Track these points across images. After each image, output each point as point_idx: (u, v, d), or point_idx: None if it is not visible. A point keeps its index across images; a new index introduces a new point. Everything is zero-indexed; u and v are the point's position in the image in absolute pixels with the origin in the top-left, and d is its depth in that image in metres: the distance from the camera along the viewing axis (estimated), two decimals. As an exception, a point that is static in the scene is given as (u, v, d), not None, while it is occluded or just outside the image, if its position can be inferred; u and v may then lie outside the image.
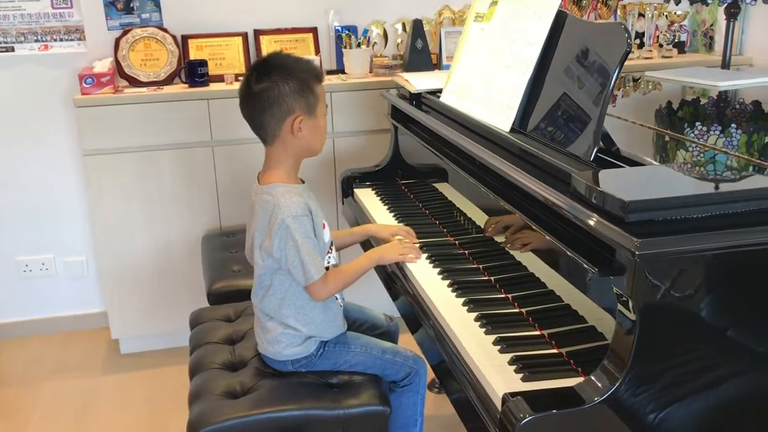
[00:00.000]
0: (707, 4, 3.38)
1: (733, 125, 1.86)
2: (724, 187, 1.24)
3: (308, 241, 1.66)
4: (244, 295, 2.36)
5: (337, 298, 1.82)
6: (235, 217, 2.97)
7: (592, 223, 1.16)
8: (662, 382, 1.13)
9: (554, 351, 1.38)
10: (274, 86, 1.64)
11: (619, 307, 1.14)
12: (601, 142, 1.44)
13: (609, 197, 1.15)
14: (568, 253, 1.26)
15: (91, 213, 2.93)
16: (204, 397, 1.72)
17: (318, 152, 1.78)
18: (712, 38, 3.48)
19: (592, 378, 1.16)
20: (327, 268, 1.75)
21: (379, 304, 2.28)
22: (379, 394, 1.74)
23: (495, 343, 1.41)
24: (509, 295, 1.62)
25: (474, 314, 1.53)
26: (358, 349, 1.80)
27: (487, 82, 1.86)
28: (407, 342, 2.00)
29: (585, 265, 1.20)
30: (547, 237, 1.37)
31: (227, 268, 2.52)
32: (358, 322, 1.99)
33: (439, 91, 2.22)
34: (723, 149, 1.51)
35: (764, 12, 3.19)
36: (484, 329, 1.47)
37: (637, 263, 1.06)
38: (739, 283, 1.14)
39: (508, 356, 1.36)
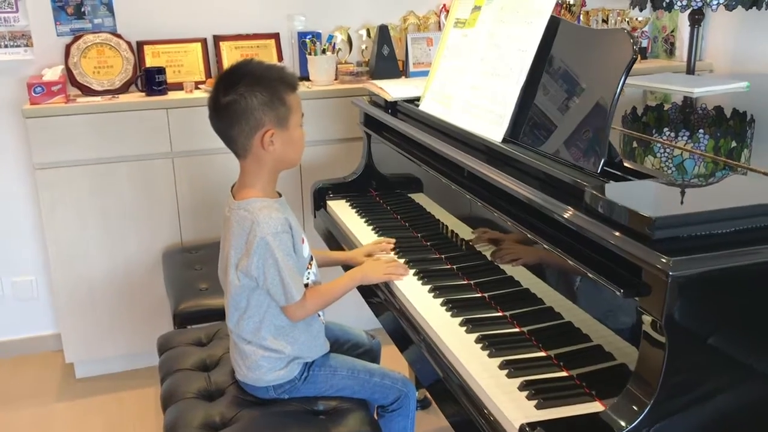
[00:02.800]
0: (670, 11, 3.40)
1: (701, 131, 1.86)
2: (746, 200, 1.18)
3: (289, 259, 1.56)
4: (213, 315, 2.25)
5: (319, 315, 1.73)
6: (197, 232, 2.84)
7: (616, 242, 1.09)
8: (693, 406, 1.07)
9: (564, 374, 1.32)
10: (241, 99, 1.53)
11: (645, 327, 1.08)
12: (603, 153, 1.38)
13: (633, 213, 1.08)
14: (589, 274, 1.19)
15: (42, 230, 2.76)
16: (181, 431, 1.60)
17: (296, 164, 1.68)
18: (672, 44, 3.51)
19: (618, 404, 1.09)
20: (306, 285, 1.66)
21: (357, 317, 2.18)
22: (368, 420, 1.65)
23: (501, 367, 1.33)
24: (507, 313, 1.54)
25: (474, 335, 1.45)
26: (345, 372, 1.71)
27: (473, 90, 1.79)
28: (390, 356, 1.91)
29: (608, 287, 1.13)
30: (560, 255, 1.30)
31: (193, 287, 2.39)
32: (339, 341, 1.89)
33: (416, 99, 2.15)
34: (741, 163, 1.47)
35: (723, 18, 3.22)
36: (487, 352, 1.39)
37: (670, 284, 1.00)
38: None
39: (518, 381, 1.28)
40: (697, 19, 3.00)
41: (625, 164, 1.39)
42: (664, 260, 1.00)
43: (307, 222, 2.90)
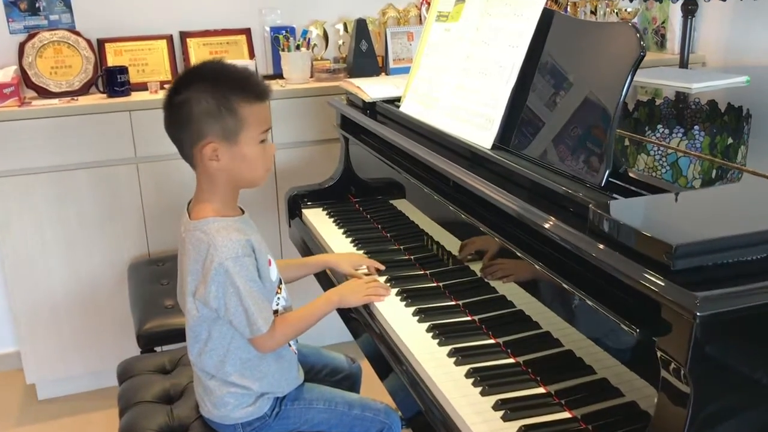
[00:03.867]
0: (661, 1, 3.26)
1: (696, 127, 1.74)
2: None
3: (253, 286, 1.39)
4: (179, 335, 2.07)
5: (290, 345, 1.56)
6: (165, 241, 2.66)
7: (628, 271, 0.93)
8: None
9: (567, 415, 1.16)
10: (186, 103, 1.36)
11: (664, 374, 0.92)
12: (607, 162, 1.22)
13: (647, 239, 0.92)
14: (595, 306, 1.04)
15: (-3, 243, 2.57)
16: (138, 475, 1.43)
17: (258, 184, 1.47)
18: (663, 36, 3.37)
19: (634, 463, 0.94)
20: (276, 312, 1.50)
21: (339, 331, 2.00)
22: (348, 458, 1.49)
23: (496, 407, 1.17)
24: (500, 341, 1.39)
25: (464, 368, 1.29)
26: (321, 405, 1.54)
27: (458, 90, 1.63)
28: (373, 376, 1.74)
29: (620, 323, 0.97)
30: (559, 281, 1.14)
31: (158, 305, 2.21)
32: (315, 368, 1.73)
33: (396, 99, 1.99)
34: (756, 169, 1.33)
35: (716, 9, 3.08)
36: (479, 389, 1.23)
37: (697, 325, 0.84)
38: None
39: (516, 425, 1.13)
40: (690, 9, 2.86)
41: (630, 174, 1.24)
42: (689, 297, 0.85)
43: (282, 232, 2.74)
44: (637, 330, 0.95)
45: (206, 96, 1.35)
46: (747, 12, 2.94)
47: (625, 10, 3.29)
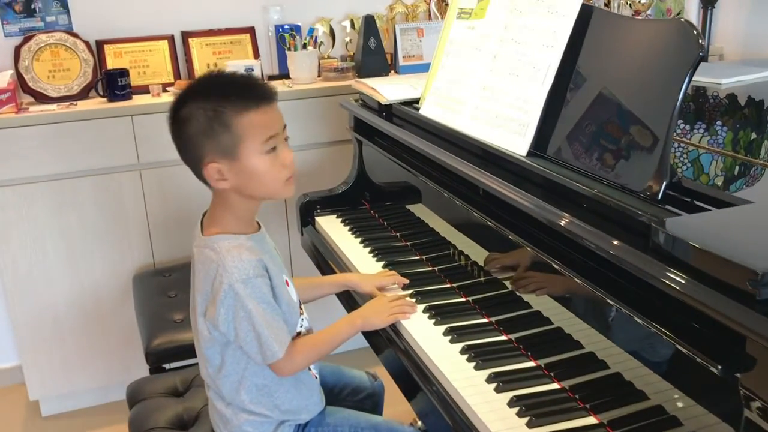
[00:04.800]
0: (676, -9, 3.16)
1: (719, 122, 1.67)
2: None
3: (266, 309, 1.29)
4: (190, 351, 1.98)
5: (310, 369, 1.47)
6: (170, 251, 2.56)
7: (706, 301, 0.84)
8: None
9: (624, 449, 1.07)
10: (182, 125, 1.28)
11: (748, 414, 0.83)
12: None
13: (728, 264, 0.83)
14: (667, 339, 0.94)
15: (-4, 255, 2.46)
16: None
17: (276, 196, 1.35)
18: (678, 28, 3.26)
19: None
20: (299, 334, 1.40)
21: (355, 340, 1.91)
22: (377, 488, 1.40)
23: (547, 442, 1.08)
24: (541, 362, 1.29)
25: (506, 396, 1.20)
26: (346, 430, 1.45)
27: (485, 92, 1.53)
28: (393, 393, 1.65)
29: (696, 358, 0.88)
30: (618, 306, 1.05)
31: (166, 319, 2.11)
32: (336, 389, 1.64)
33: (414, 101, 1.89)
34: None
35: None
36: (525, 419, 1.14)
37: (795, 365, 0.75)
38: None
39: (570, 463, 1.04)
40: (710, 0, 2.77)
41: (685, 185, 1.14)
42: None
43: (293, 241, 2.63)
44: (719, 366, 0.85)
45: (198, 114, 1.26)
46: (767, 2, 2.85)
47: (639, 1, 3.19)
